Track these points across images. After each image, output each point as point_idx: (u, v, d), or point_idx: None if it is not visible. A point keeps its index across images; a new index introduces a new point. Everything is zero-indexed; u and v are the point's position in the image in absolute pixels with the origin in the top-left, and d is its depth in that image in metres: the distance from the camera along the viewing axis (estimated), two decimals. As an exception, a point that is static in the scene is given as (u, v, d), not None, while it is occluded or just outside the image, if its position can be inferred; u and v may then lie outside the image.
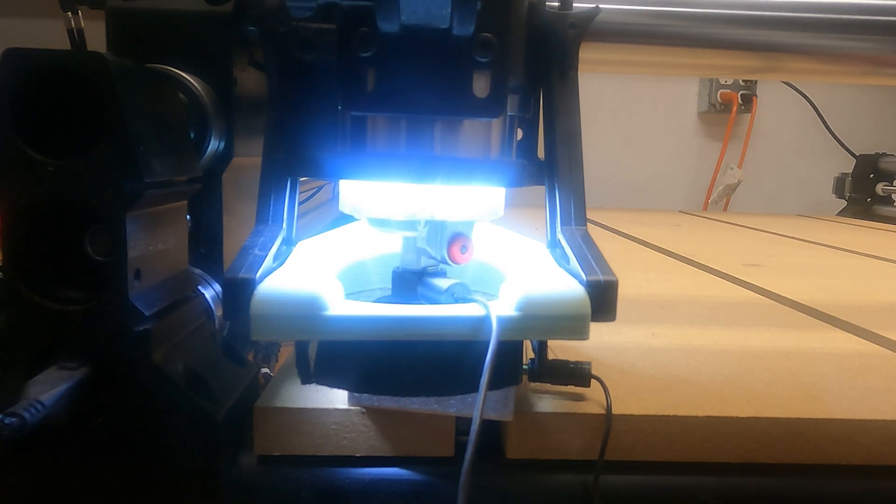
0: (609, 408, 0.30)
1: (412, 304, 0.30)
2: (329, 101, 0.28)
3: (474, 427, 0.23)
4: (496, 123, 0.28)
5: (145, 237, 0.29)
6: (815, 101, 1.60)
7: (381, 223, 0.29)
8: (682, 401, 0.32)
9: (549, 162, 0.30)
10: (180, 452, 0.29)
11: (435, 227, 0.29)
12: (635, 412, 0.30)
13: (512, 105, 0.29)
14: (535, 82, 0.30)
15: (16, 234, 0.28)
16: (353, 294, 0.32)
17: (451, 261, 0.28)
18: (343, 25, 0.25)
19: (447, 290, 0.28)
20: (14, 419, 0.23)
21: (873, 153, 1.52)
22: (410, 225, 0.29)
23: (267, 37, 0.28)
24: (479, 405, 0.23)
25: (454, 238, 0.28)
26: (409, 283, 0.30)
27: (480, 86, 0.26)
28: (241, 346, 0.37)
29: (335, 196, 0.64)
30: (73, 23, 0.40)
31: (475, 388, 0.23)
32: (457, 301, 0.28)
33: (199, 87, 0.36)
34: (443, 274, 0.30)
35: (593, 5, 0.30)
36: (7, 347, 0.28)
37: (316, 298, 0.24)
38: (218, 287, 0.36)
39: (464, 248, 0.29)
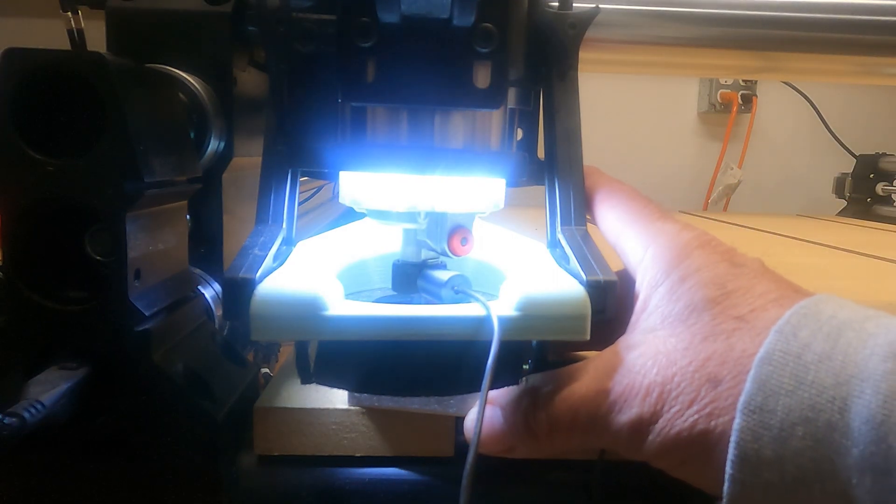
0: (609, 408, 0.30)
1: (412, 296, 0.30)
2: (329, 95, 0.28)
3: (476, 428, 0.23)
4: (497, 116, 0.28)
5: (145, 237, 0.29)
6: (815, 101, 1.60)
7: (381, 215, 0.29)
8: (683, 401, 0.32)
9: (549, 162, 0.30)
10: (180, 452, 0.29)
11: (435, 219, 0.29)
12: (635, 412, 0.30)
13: (512, 98, 0.29)
14: (536, 81, 0.30)
15: (16, 234, 0.28)
16: (353, 294, 0.32)
17: (452, 253, 0.28)
18: (343, 16, 0.25)
19: (447, 282, 0.28)
20: (14, 419, 0.23)
21: (873, 153, 1.52)
22: (411, 217, 0.29)
23: (268, 35, 0.28)
24: (481, 406, 0.23)
25: (454, 230, 0.28)
26: (409, 275, 0.30)
27: (481, 76, 0.26)
28: (241, 346, 0.37)
29: (335, 196, 0.64)
30: (73, 23, 0.40)
31: (476, 388, 0.23)
32: (457, 293, 0.28)
33: (199, 87, 0.36)
34: (443, 266, 0.30)
35: (593, 5, 0.30)
36: (7, 347, 0.28)
37: (316, 298, 0.24)
38: (218, 287, 0.36)
39: (464, 241, 0.29)
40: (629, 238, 0.29)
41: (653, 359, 0.24)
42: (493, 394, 0.27)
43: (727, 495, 0.22)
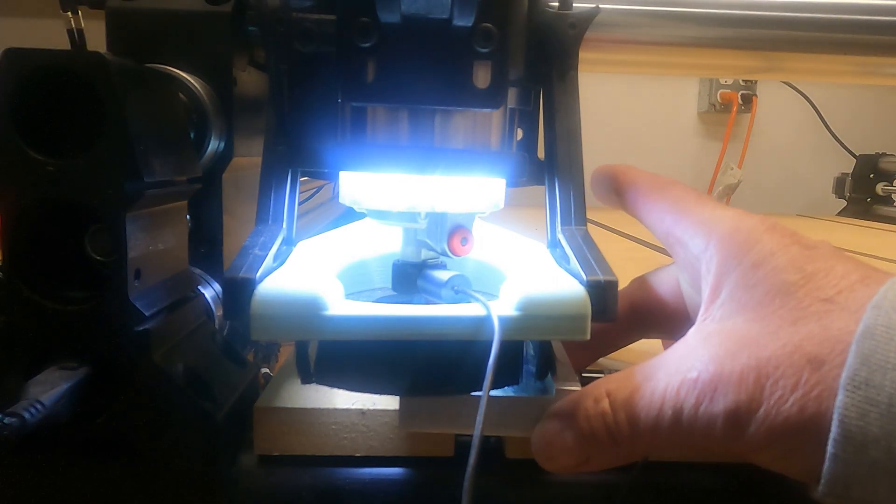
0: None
1: (412, 296, 0.30)
2: (329, 95, 0.28)
3: (477, 430, 0.23)
4: (497, 116, 0.28)
5: (145, 237, 0.29)
6: (815, 101, 1.60)
7: (380, 215, 0.29)
8: (683, 401, 0.32)
9: (549, 162, 0.30)
10: (180, 452, 0.29)
11: (435, 219, 0.29)
12: (635, 412, 0.30)
13: (512, 98, 0.29)
14: (536, 81, 0.30)
15: (16, 234, 0.28)
16: (353, 294, 0.32)
17: (452, 253, 0.28)
18: (343, 16, 0.25)
19: (447, 282, 0.28)
20: (14, 419, 0.23)
21: (873, 153, 1.53)
22: (410, 217, 0.29)
23: (268, 35, 0.28)
24: (482, 406, 0.23)
25: (454, 230, 0.28)
26: (409, 275, 0.30)
27: (481, 77, 0.26)
28: (241, 346, 0.37)
29: (335, 196, 0.64)
30: (73, 23, 0.40)
31: (477, 388, 0.23)
32: (457, 293, 0.28)
33: (199, 87, 0.36)
34: (443, 266, 0.30)
35: (593, 5, 0.30)
36: (7, 347, 0.28)
37: (316, 298, 0.24)
38: (218, 287, 0.37)
39: (464, 241, 0.29)
40: (686, 229, 0.27)
41: (738, 343, 0.23)
42: (555, 406, 0.26)
43: (827, 474, 0.21)
